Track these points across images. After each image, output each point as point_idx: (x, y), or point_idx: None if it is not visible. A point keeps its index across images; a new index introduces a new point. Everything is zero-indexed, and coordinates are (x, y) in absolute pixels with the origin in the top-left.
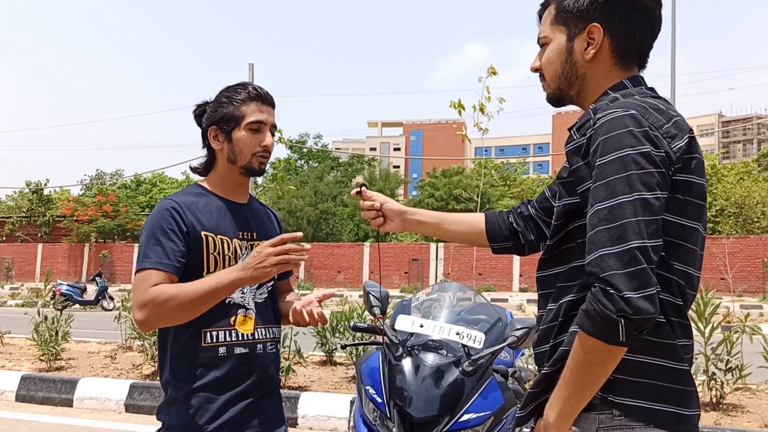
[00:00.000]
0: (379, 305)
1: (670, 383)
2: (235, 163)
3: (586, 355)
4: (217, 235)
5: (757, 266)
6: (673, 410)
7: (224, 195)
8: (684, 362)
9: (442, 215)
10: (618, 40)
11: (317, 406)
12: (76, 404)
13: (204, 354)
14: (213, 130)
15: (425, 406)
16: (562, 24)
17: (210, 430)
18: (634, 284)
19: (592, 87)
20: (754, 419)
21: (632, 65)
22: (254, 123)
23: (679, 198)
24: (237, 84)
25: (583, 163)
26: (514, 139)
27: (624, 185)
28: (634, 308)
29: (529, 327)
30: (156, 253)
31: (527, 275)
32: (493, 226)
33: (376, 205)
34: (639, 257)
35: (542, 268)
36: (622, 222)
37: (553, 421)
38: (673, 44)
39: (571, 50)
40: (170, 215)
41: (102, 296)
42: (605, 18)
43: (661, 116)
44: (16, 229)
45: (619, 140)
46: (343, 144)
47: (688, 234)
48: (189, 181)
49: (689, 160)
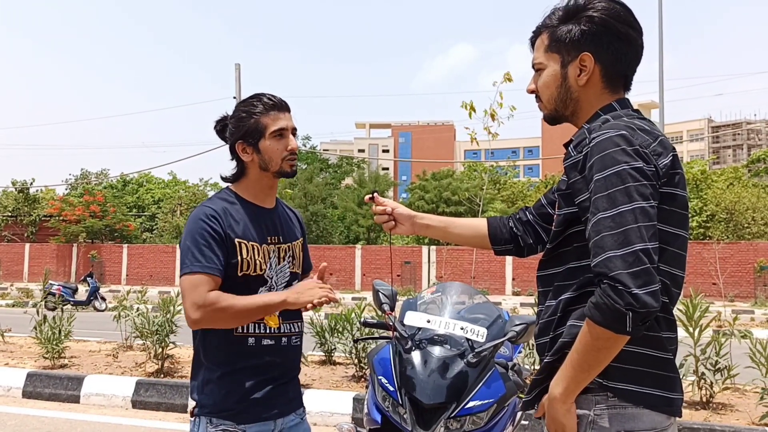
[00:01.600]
0: (388, 302)
1: (656, 370)
2: (267, 170)
3: (595, 341)
4: (249, 242)
5: (748, 271)
6: (661, 394)
7: (254, 201)
8: (668, 352)
9: (448, 220)
10: (606, 67)
11: (321, 402)
12: (83, 400)
13: (235, 343)
14: (240, 144)
15: (434, 394)
16: (555, 52)
17: (238, 409)
18: (639, 282)
19: (585, 108)
20: (742, 417)
21: (619, 88)
22: (277, 131)
23: (665, 208)
24: (251, 97)
25: (580, 177)
26: (503, 142)
27: (623, 196)
28: (641, 302)
29: (527, 323)
30: (204, 257)
31: (520, 279)
32: (495, 230)
33: (388, 209)
34: (642, 258)
35: (542, 268)
36: (625, 228)
37: (559, 396)
38: (660, 50)
39: (566, 76)
40: (211, 222)
41: (94, 297)
42: (594, 47)
43: (648, 136)
44: (2, 228)
45: (615, 157)
46: (331, 145)
47: (672, 239)
48: (176, 182)
49: (673, 175)
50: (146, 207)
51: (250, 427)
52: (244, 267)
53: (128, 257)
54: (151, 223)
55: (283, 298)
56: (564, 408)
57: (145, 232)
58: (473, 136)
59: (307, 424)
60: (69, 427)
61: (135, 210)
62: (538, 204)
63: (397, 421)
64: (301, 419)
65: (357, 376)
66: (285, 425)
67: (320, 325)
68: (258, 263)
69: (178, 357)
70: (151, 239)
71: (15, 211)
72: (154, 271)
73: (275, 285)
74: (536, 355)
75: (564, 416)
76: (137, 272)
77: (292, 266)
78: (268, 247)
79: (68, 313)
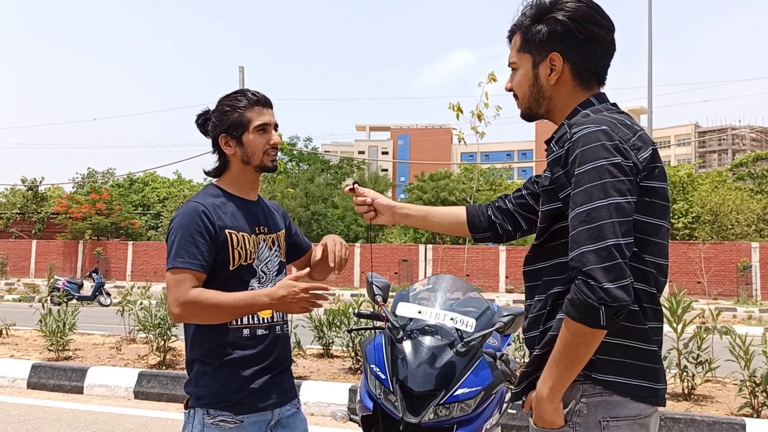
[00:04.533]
0: (381, 294)
1: (642, 362)
2: (249, 163)
3: (573, 337)
4: (239, 232)
5: (731, 271)
6: (647, 385)
7: (239, 194)
8: (653, 344)
9: (428, 209)
10: (576, 66)
11: (318, 393)
12: (87, 391)
13: (231, 335)
14: (223, 137)
15: (424, 382)
16: (527, 52)
17: (236, 399)
18: (610, 276)
19: (559, 106)
20: (722, 408)
21: (592, 84)
22: (261, 125)
23: (646, 201)
24: (235, 92)
25: (563, 172)
26: (498, 145)
27: (600, 191)
28: (612, 297)
29: (514, 314)
30: (188, 253)
31: (513, 277)
32: (473, 218)
33: (368, 200)
34: (615, 253)
35: (529, 263)
36: (599, 223)
37: (546, 395)
38: (650, 58)
39: (537, 76)
40: (200, 218)
41: (99, 292)
42: (563, 47)
43: (627, 131)
44: (10, 225)
45: (594, 152)
46: (332, 147)
47: (654, 231)
48: (181, 181)
49: (653, 169)
50: (151, 205)
51: (248, 417)
52: (236, 258)
53: (133, 254)
54: (156, 221)
55: (267, 302)
56: (551, 407)
57: (150, 230)
58: (461, 136)
59: (303, 414)
60: (72, 417)
61: (140, 208)
62: (517, 193)
63: (389, 408)
64: (297, 409)
65: (353, 368)
66: (282, 415)
67: (318, 320)
68: (249, 252)
69: (179, 350)
70: (156, 237)
71: (23, 208)
72: (158, 268)
73: (265, 274)
74: (526, 348)
75: (551, 414)
76: (142, 269)
77: (280, 255)
78: (257, 237)
79: (72, 306)
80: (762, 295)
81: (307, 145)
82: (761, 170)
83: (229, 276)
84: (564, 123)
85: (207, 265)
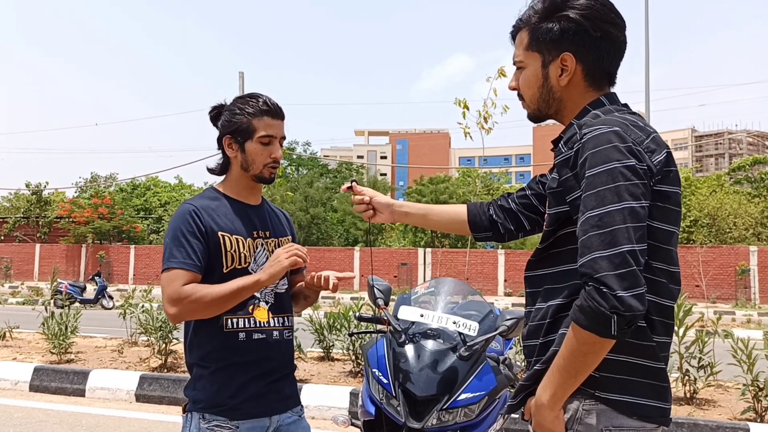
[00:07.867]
0: (382, 297)
1: (649, 380)
2: (247, 171)
3: (580, 346)
4: (233, 235)
5: (729, 274)
6: (654, 404)
7: (238, 197)
8: (661, 361)
9: (428, 207)
10: (588, 66)
11: (318, 397)
12: (88, 394)
13: (226, 339)
14: (227, 138)
15: (426, 386)
16: (536, 51)
17: (231, 405)
18: (624, 284)
19: (569, 106)
20: (724, 412)
21: (603, 85)
22: (265, 137)
23: (659, 206)
24: (250, 95)
25: (572, 174)
26: (496, 150)
27: (613, 195)
28: (626, 306)
29: (517, 318)
30: (181, 254)
31: (512, 280)
32: (474, 216)
33: (366, 198)
34: (629, 260)
35: (531, 268)
36: (613, 228)
37: (546, 402)
38: (647, 62)
39: (547, 76)
40: (190, 218)
41: (101, 295)
42: (575, 47)
43: (641, 132)
44: (14, 229)
45: (607, 154)
46: (331, 151)
47: (667, 237)
48: (182, 185)
49: (667, 173)
50: (153, 210)
51: (244, 423)
52: (229, 261)
53: (135, 258)
54: (157, 225)
55: (257, 278)
56: (552, 415)
57: (152, 234)
58: (466, 130)
59: (306, 422)
60: (74, 420)
61: (142, 212)
62: (521, 192)
63: (391, 413)
64: (299, 417)
65: (354, 371)
66: (282, 423)
67: (319, 323)
68: (243, 256)
69: (181, 353)
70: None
71: (27, 212)
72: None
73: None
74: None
75: (552, 423)
76: (144, 272)
77: None
78: (254, 241)
79: (75, 310)
80: (760, 299)
81: (306, 149)
82: (759, 174)
83: (223, 279)
84: (573, 123)
85: (201, 265)
